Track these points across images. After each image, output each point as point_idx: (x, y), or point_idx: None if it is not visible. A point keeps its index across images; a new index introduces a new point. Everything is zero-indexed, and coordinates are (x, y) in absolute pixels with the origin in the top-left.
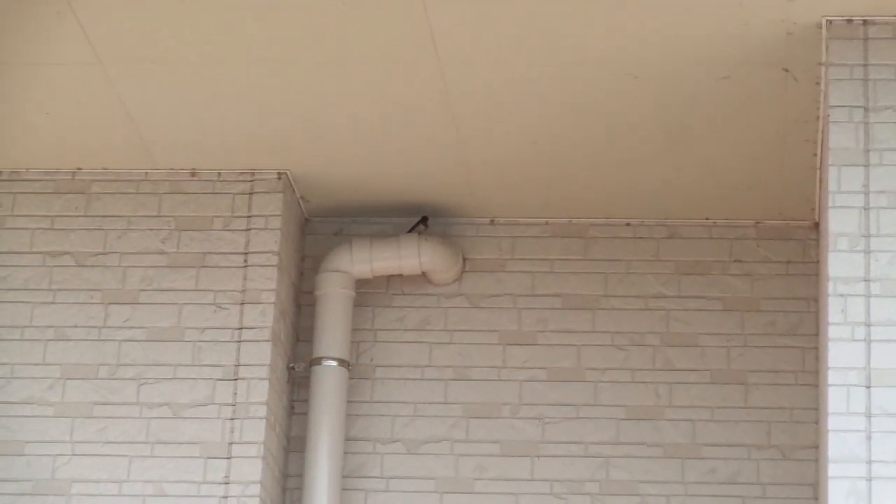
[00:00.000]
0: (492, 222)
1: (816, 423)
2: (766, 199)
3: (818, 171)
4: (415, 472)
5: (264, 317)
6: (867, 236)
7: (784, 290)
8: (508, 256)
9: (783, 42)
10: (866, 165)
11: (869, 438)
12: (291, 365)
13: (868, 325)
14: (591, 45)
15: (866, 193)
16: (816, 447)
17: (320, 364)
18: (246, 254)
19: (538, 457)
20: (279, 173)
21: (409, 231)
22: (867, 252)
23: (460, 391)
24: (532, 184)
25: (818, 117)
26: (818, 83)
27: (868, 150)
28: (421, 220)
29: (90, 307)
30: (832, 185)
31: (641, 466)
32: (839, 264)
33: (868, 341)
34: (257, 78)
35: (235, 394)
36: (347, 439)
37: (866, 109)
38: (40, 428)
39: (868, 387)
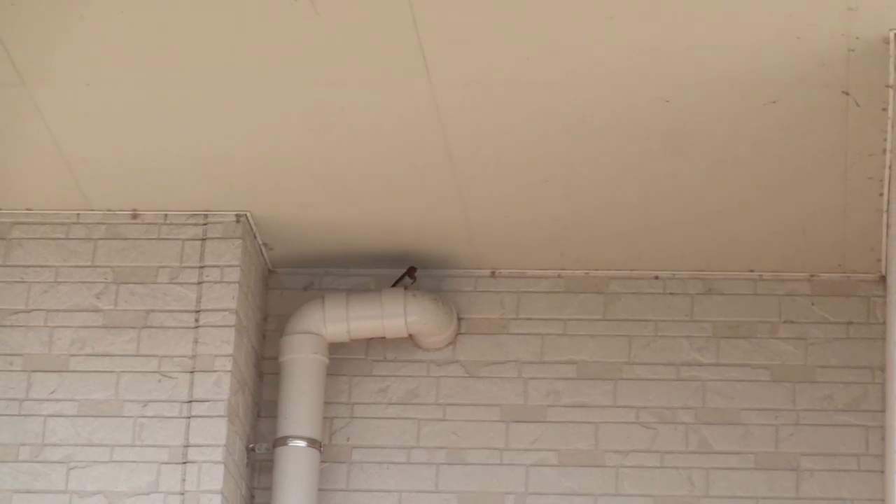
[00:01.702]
0: (493, 274)
1: None
2: (822, 248)
3: (885, 215)
4: None
5: (219, 388)
6: None
7: (844, 357)
8: (513, 316)
9: (843, 60)
10: None
11: None
12: (251, 446)
13: None
14: (613, 64)
15: None
16: None
17: (286, 445)
18: (197, 312)
19: None
20: (238, 215)
21: (394, 285)
22: None
23: (455, 477)
24: (542, 228)
25: (885, 150)
26: (885, 109)
27: None
28: (407, 271)
29: (10, 375)
30: None
31: None
32: None
33: None
34: (211, 101)
35: (184, 480)
36: None
37: None
38: None
39: None
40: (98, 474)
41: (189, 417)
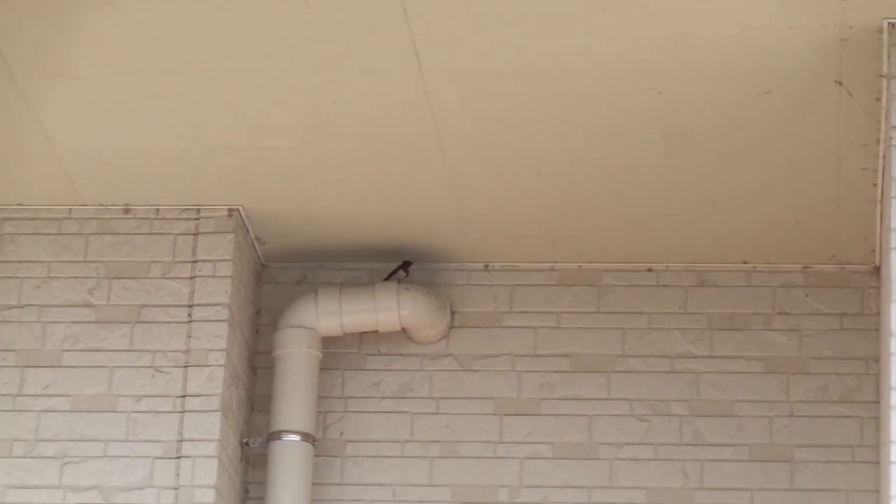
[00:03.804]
0: (486, 268)
1: None
2: (816, 240)
3: (879, 205)
4: None
5: (212, 382)
6: None
7: (838, 348)
8: (506, 309)
9: (836, 49)
10: None
11: None
12: (245, 440)
13: None
14: (604, 56)
15: None
16: None
17: (280, 439)
18: (190, 306)
19: None
20: (230, 209)
21: (387, 278)
22: None
23: (449, 471)
24: (535, 221)
25: (878, 140)
26: (878, 99)
27: None
28: (401, 265)
29: (3, 371)
30: None
31: None
32: None
33: None
34: (203, 95)
35: (178, 475)
36: None
37: None
38: None
39: None
40: (92, 469)
41: (182, 412)
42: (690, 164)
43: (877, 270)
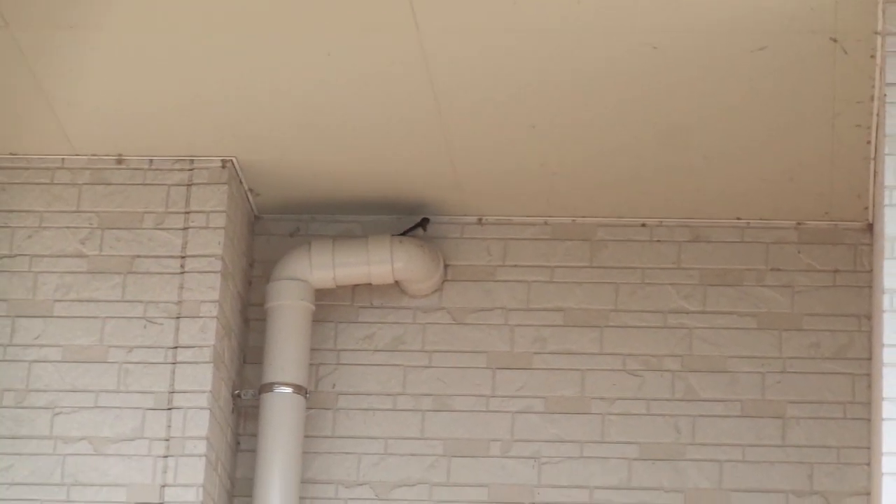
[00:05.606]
0: (480, 221)
1: (868, 464)
2: (809, 196)
3: (872, 163)
4: None
5: (205, 334)
6: None
7: (830, 305)
8: (499, 263)
9: (831, 6)
10: None
11: None
12: (237, 392)
13: None
14: (600, 11)
15: None
16: (868, 494)
17: (272, 391)
18: (183, 258)
19: None
20: (223, 161)
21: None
22: None
23: (440, 424)
24: (529, 175)
25: (873, 97)
26: (873, 56)
27: None
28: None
29: None
30: (889, 178)
31: None
32: None
33: None
34: (198, 45)
35: (169, 426)
36: (304, 482)
37: None
38: None
39: None
40: (83, 420)
41: (174, 363)
42: (685, 119)
43: (870, 227)
